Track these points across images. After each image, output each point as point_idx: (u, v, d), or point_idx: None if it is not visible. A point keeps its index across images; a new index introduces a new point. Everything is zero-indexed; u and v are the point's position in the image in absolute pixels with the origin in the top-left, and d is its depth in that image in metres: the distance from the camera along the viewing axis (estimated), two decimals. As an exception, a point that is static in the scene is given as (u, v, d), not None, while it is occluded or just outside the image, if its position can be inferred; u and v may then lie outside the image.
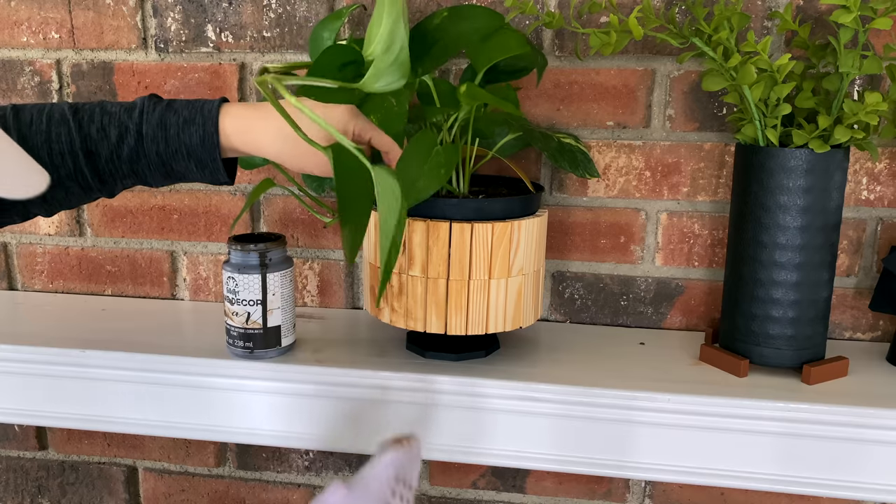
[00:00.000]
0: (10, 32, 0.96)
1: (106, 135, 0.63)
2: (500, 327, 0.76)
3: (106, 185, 0.66)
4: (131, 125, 0.63)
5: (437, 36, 0.73)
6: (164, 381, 0.81)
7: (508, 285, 0.75)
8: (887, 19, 0.70)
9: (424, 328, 0.75)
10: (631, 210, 0.90)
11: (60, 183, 0.64)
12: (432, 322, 0.74)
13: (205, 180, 0.67)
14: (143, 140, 0.63)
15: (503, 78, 0.79)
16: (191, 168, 0.65)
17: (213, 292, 1.01)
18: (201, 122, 0.64)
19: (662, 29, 0.77)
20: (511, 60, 0.77)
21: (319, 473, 1.02)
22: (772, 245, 0.74)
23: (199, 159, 0.64)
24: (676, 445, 0.74)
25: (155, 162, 0.64)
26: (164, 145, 0.64)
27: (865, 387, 0.75)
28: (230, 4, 0.91)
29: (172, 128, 0.64)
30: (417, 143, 0.69)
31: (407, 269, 0.74)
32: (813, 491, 0.74)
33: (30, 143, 0.62)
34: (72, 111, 0.64)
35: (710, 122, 0.86)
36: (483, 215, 0.73)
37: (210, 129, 0.64)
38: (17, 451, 1.09)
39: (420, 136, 0.70)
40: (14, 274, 1.05)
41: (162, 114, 0.64)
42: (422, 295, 0.74)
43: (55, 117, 0.63)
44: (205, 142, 0.64)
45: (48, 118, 0.63)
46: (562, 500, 0.97)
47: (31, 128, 0.63)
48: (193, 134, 0.64)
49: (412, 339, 0.83)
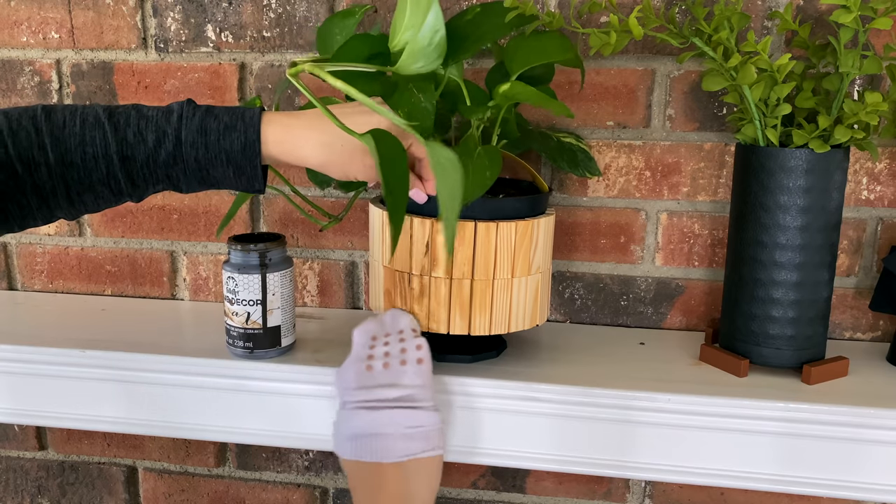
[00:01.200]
0: (10, 32, 0.96)
1: (143, 139, 0.62)
2: (521, 325, 0.76)
3: (137, 189, 0.64)
4: (170, 130, 0.62)
5: (468, 31, 0.73)
6: (164, 381, 0.81)
7: (528, 283, 0.75)
8: (887, 19, 0.70)
9: (448, 330, 0.74)
10: (631, 210, 0.90)
11: (91, 187, 0.63)
12: (456, 323, 0.74)
13: (239, 187, 0.66)
14: (182, 145, 0.62)
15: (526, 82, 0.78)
16: (228, 175, 0.64)
17: (213, 292, 1.01)
18: (243, 128, 0.63)
19: (662, 29, 0.77)
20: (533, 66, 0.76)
21: (319, 473, 1.02)
22: (772, 245, 0.74)
23: (238, 166, 0.64)
24: (676, 445, 0.74)
25: (192, 168, 0.63)
26: (203, 151, 0.63)
27: (865, 387, 0.75)
28: (230, 4, 0.91)
29: (213, 133, 0.63)
30: (462, 146, 0.69)
31: (430, 271, 0.73)
32: (813, 491, 0.74)
33: (63, 146, 0.61)
34: (106, 114, 0.63)
35: (710, 122, 0.86)
36: (505, 214, 0.73)
37: (252, 137, 0.63)
38: (16, 451, 1.09)
39: (465, 140, 0.70)
40: (14, 274, 1.05)
41: (202, 119, 0.63)
42: (445, 296, 0.74)
43: (89, 120, 0.62)
44: (246, 149, 0.63)
45: (82, 121, 0.62)
46: (562, 500, 0.97)
47: (65, 130, 0.62)
48: (235, 140, 0.63)
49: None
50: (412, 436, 0.67)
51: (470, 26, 0.73)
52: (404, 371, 0.69)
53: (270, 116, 0.64)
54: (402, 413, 0.68)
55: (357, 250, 0.96)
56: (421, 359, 0.70)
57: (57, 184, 0.62)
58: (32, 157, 0.61)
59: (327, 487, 1.03)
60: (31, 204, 0.62)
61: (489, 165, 0.69)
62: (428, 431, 0.68)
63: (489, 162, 0.69)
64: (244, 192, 0.68)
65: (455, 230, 0.58)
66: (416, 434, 0.68)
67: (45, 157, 0.61)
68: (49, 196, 0.62)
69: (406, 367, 0.69)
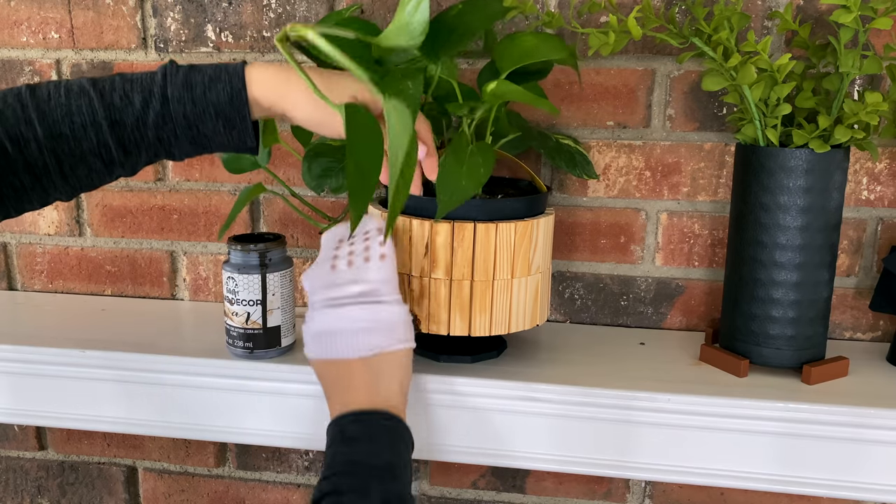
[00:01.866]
0: (10, 32, 0.96)
1: (130, 101, 0.62)
2: (522, 326, 0.76)
3: (130, 157, 0.64)
4: (156, 89, 0.62)
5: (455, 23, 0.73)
6: (164, 381, 0.81)
7: (528, 284, 0.75)
8: (887, 19, 0.70)
9: (448, 331, 0.74)
10: (631, 210, 0.90)
11: (83, 159, 0.62)
12: (456, 324, 0.74)
13: (231, 146, 0.65)
14: (169, 102, 0.62)
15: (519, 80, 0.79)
16: (218, 130, 0.63)
17: (213, 292, 1.01)
18: (227, 79, 0.62)
19: (662, 29, 0.77)
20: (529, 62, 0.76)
21: (319, 473, 1.02)
22: (772, 245, 0.74)
23: (228, 118, 0.63)
24: (676, 445, 0.74)
25: (182, 125, 0.63)
26: (190, 106, 0.62)
27: (865, 387, 0.75)
28: (230, 4, 0.91)
29: (198, 87, 0.62)
30: (455, 143, 0.69)
31: (430, 273, 0.73)
32: (813, 491, 0.74)
33: (50, 118, 0.61)
34: (90, 83, 0.62)
35: (710, 122, 0.86)
36: (504, 215, 0.73)
37: (237, 85, 0.62)
38: (16, 451, 1.09)
39: (457, 138, 0.70)
40: (14, 274, 1.05)
41: (186, 75, 0.63)
42: (445, 297, 0.74)
43: (74, 90, 0.62)
44: (233, 99, 0.62)
45: (66, 91, 0.62)
46: (562, 500, 0.97)
47: (50, 102, 0.61)
48: (221, 91, 0.62)
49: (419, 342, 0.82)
50: (375, 329, 0.67)
51: (455, 19, 0.73)
52: (367, 267, 0.69)
53: (255, 66, 0.64)
54: (364, 308, 0.67)
55: (357, 250, 0.96)
56: (384, 255, 0.69)
57: (48, 159, 0.61)
58: (20, 133, 0.60)
59: (327, 487, 1.03)
60: (25, 184, 0.62)
61: (482, 163, 0.69)
62: (392, 324, 0.68)
63: (482, 159, 0.69)
64: (237, 151, 0.67)
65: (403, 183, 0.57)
66: (379, 328, 0.67)
67: (34, 132, 0.60)
68: (42, 173, 0.62)
69: (369, 264, 0.69)
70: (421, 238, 0.73)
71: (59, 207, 1.01)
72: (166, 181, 0.98)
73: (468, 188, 0.68)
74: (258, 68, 0.64)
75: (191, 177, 0.97)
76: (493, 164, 0.70)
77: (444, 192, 0.68)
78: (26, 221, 1.02)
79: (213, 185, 0.97)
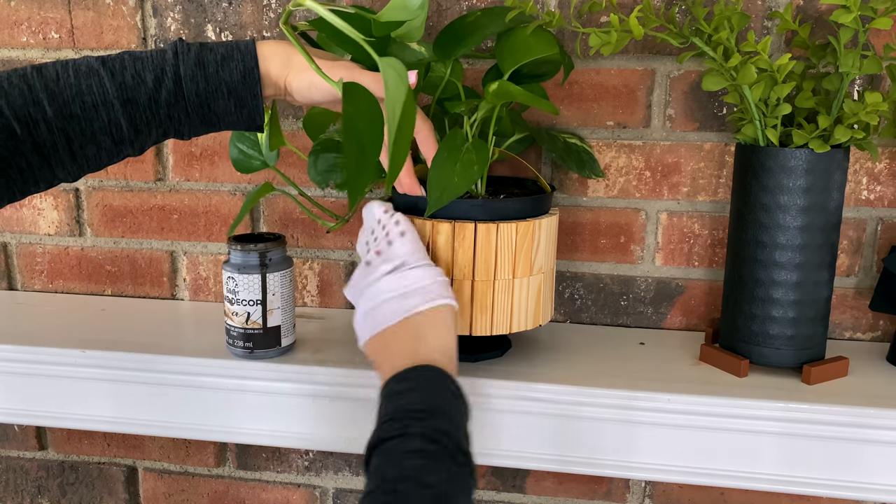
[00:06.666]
0: (10, 32, 0.96)
1: (142, 80, 0.62)
2: (523, 326, 0.76)
3: (140, 135, 0.63)
4: (168, 67, 0.62)
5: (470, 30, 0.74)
6: (163, 381, 0.81)
7: (530, 284, 0.75)
8: (887, 19, 0.70)
9: None
10: (631, 210, 0.90)
11: (93, 138, 0.62)
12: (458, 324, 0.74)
13: (241, 124, 0.66)
14: (182, 80, 0.62)
15: (525, 81, 0.79)
16: (229, 109, 0.64)
17: (213, 292, 1.01)
18: (240, 57, 0.63)
19: (662, 29, 0.77)
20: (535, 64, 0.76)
21: (319, 473, 1.02)
22: (772, 245, 0.74)
23: (240, 97, 0.63)
24: (676, 445, 0.74)
25: (194, 104, 0.63)
26: (203, 84, 0.62)
27: (865, 387, 0.75)
28: (230, 4, 0.91)
29: (211, 66, 0.63)
30: (449, 140, 0.69)
31: None
32: (813, 491, 0.74)
33: (60, 99, 0.60)
34: (99, 62, 0.62)
35: (710, 122, 0.86)
36: (506, 215, 0.73)
37: (250, 64, 0.63)
38: (16, 451, 1.09)
39: (451, 134, 0.70)
40: (14, 274, 1.05)
41: (198, 53, 0.63)
42: None
43: (82, 69, 0.61)
44: (246, 77, 0.63)
45: (75, 71, 0.61)
46: (562, 500, 0.97)
47: (59, 83, 0.61)
48: (234, 70, 0.63)
49: None
50: (406, 293, 0.67)
51: (471, 27, 0.73)
52: (392, 248, 0.70)
53: (266, 43, 0.65)
54: (394, 277, 0.68)
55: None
56: (403, 231, 0.70)
57: (58, 139, 0.61)
58: (29, 114, 0.59)
59: (327, 487, 1.03)
60: (33, 164, 0.61)
61: (476, 160, 0.69)
62: (426, 286, 0.68)
63: (476, 156, 0.69)
64: (246, 129, 0.67)
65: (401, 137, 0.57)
66: (410, 291, 0.67)
67: (43, 112, 0.60)
68: (50, 153, 0.61)
69: (393, 245, 0.70)
70: (422, 237, 0.73)
71: (60, 207, 1.01)
72: (166, 181, 0.98)
73: (460, 185, 0.68)
74: (271, 42, 0.65)
75: (191, 177, 0.97)
76: (487, 163, 0.70)
77: (436, 188, 0.68)
78: (26, 221, 1.02)
79: (213, 185, 0.97)
